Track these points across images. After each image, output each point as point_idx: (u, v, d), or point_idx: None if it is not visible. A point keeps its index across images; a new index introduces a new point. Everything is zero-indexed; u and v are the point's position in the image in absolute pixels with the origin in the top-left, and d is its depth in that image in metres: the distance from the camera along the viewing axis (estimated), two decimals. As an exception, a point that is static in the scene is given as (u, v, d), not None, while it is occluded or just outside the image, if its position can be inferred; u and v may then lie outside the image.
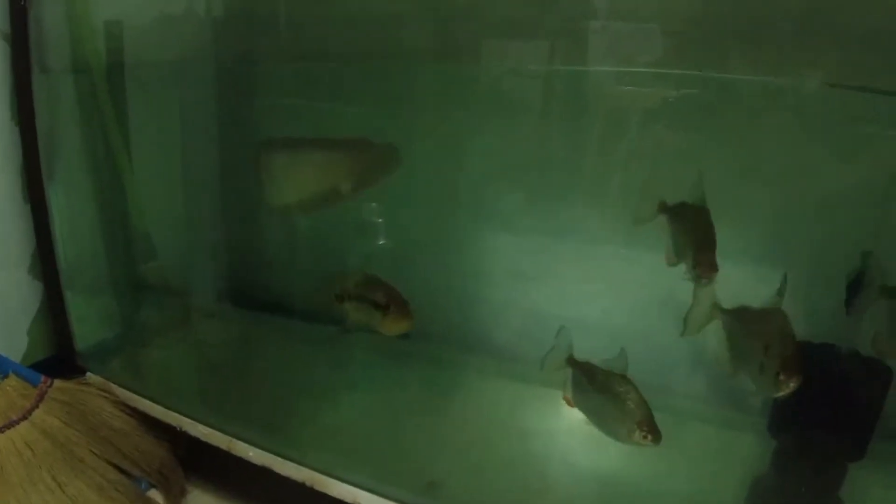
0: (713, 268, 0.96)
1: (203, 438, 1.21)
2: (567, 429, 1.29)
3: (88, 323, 1.45)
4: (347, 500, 1.07)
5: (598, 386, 1.04)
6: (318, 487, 1.09)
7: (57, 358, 1.44)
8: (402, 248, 1.44)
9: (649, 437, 0.96)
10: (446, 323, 1.43)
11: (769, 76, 1.22)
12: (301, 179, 1.22)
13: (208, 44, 1.49)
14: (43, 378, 1.27)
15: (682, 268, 1.29)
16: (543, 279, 1.38)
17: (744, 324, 1.02)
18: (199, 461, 1.29)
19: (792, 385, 0.89)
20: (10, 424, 1.19)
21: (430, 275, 1.42)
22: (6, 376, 1.24)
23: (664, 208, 1.07)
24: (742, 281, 1.28)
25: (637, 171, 1.32)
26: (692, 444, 1.29)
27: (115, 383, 1.34)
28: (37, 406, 1.24)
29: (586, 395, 1.07)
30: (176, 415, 1.25)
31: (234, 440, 1.17)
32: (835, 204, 1.21)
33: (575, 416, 1.34)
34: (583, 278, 1.36)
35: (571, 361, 1.10)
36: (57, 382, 1.29)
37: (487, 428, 1.27)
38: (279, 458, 1.13)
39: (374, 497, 1.04)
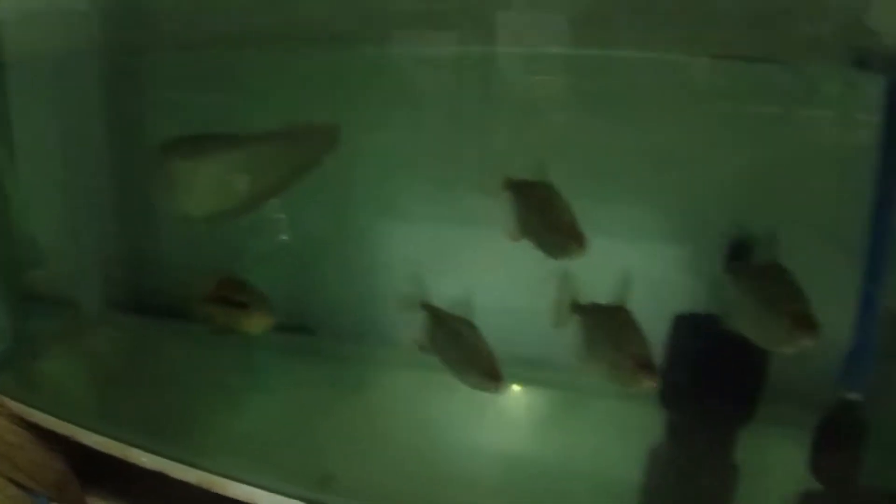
0: (582, 238, 0.93)
1: (98, 448, 1.18)
2: (471, 414, 1.30)
3: (-24, 336, 1.39)
4: (244, 499, 1.05)
5: (446, 331, 1.04)
6: (215, 489, 1.07)
7: (-54, 373, 1.38)
8: (303, 243, 1.41)
9: (492, 383, 0.95)
10: (352, 318, 1.42)
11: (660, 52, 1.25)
12: (226, 185, 1.16)
13: (94, 34, 1.44)
14: (-68, 394, 1.22)
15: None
16: (446, 268, 1.38)
17: (594, 320, 1.03)
18: (97, 471, 1.26)
19: (647, 384, 0.90)
20: None
21: (332, 269, 1.41)
22: None
23: (509, 184, 1.06)
24: (645, 260, 1.33)
25: (535, 153, 1.34)
26: (594, 421, 1.33)
27: (7, 396, 1.29)
28: (-73, 423, 1.19)
29: (436, 340, 1.07)
30: (70, 425, 1.21)
31: (129, 447, 1.15)
32: (730, 179, 1.25)
33: (479, 401, 1.36)
34: (484, 265, 1.36)
35: (425, 304, 1.09)
36: (-55, 399, 1.24)
37: (391, 419, 1.27)
38: (172, 462, 1.11)
39: (269, 494, 1.03)
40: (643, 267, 1.32)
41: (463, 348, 1.02)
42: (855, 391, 1.10)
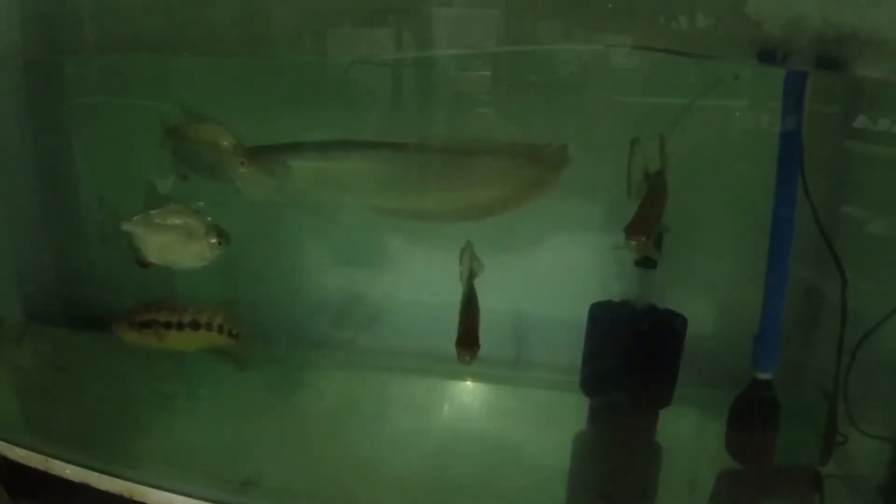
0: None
1: (20, 461, 1.17)
2: (403, 412, 1.32)
3: None
4: (163, 505, 1.06)
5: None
6: (136, 498, 1.08)
7: None
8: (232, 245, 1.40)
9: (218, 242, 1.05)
10: (282, 320, 1.42)
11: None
12: None
13: (10, 38, 1.41)
14: None
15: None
16: (375, 266, 1.39)
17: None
18: (23, 484, 1.24)
19: (468, 360, 0.97)
20: None
21: (261, 271, 1.40)
22: None
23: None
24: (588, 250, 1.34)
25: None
26: (518, 410, 1.35)
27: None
28: None
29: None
30: (-10, 438, 1.20)
31: (50, 459, 1.14)
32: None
33: (411, 398, 1.38)
34: (415, 262, 1.37)
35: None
36: None
37: (321, 421, 1.27)
38: (95, 473, 1.10)
39: (189, 500, 1.04)
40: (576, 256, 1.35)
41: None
42: (765, 371, 1.13)
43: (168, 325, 1.17)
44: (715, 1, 0.97)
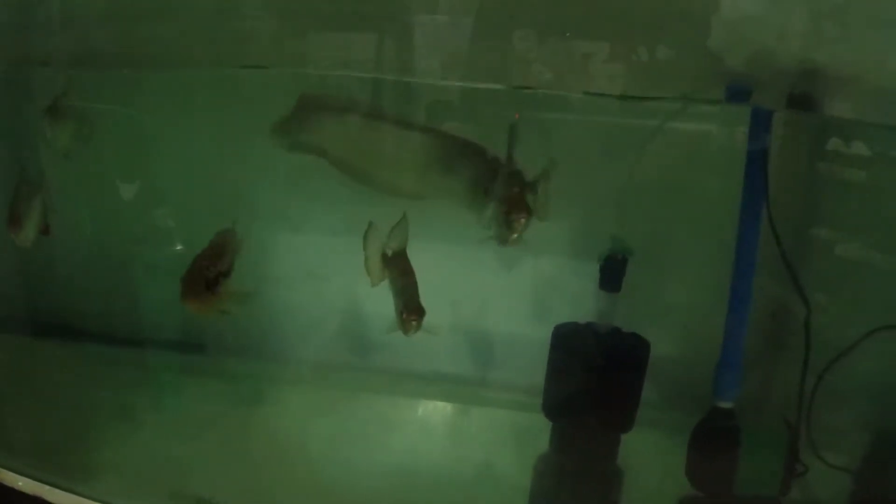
0: None
1: (-27, 471, 1.15)
2: (363, 429, 1.31)
3: None
4: (114, 524, 1.04)
5: None
6: (87, 513, 1.06)
7: None
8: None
9: None
10: (244, 333, 1.40)
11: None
12: None
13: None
14: None
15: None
16: (339, 279, 1.37)
17: None
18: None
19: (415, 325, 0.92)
20: None
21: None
22: None
23: None
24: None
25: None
26: (482, 430, 1.34)
27: None
28: None
29: None
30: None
31: (3, 470, 1.12)
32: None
33: (369, 415, 1.37)
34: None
35: None
36: None
37: (281, 439, 1.26)
38: (48, 487, 1.09)
39: (140, 518, 1.03)
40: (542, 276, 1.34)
41: None
42: (726, 400, 1.13)
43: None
44: (677, 33, 0.96)
